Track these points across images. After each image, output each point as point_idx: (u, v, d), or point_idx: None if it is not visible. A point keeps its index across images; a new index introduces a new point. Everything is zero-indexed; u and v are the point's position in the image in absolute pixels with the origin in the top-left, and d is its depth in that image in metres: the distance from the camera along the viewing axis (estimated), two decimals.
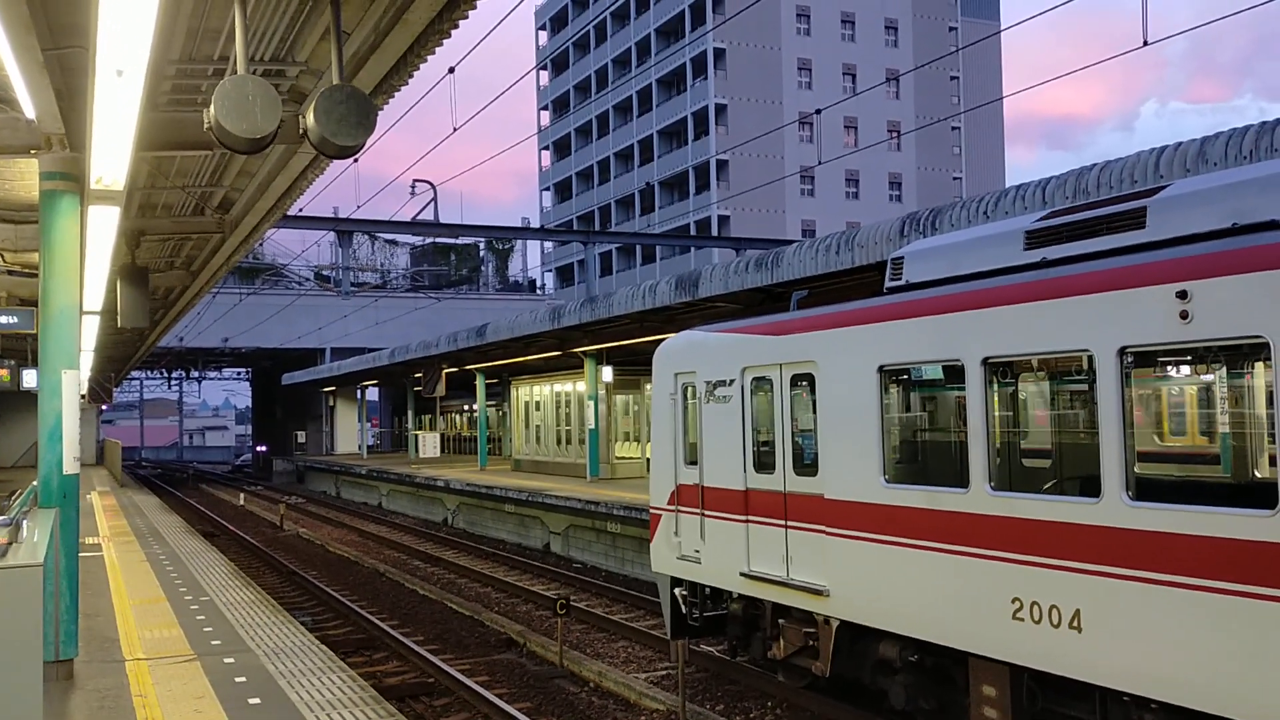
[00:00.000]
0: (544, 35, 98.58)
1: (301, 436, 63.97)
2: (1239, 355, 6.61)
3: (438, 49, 8.14)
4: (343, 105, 6.32)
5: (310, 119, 6.37)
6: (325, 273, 67.34)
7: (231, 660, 9.65)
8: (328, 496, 47.20)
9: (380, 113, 8.52)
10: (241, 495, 43.83)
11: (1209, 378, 7.33)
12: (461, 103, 15.74)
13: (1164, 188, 7.29)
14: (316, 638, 10.99)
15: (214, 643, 10.44)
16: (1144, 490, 6.56)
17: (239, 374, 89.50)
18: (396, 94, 9.14)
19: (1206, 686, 6.02)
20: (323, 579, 21.05)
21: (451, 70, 12.64)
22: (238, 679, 8.92)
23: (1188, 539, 6.13)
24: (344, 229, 43.24)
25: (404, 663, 13.68)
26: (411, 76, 8.72)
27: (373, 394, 65.17)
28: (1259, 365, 6.46)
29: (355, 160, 15.72)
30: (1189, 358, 7.01)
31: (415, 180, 57.75)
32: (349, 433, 58.50)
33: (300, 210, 19.98)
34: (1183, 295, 6.17)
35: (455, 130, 14.53)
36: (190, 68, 8.78)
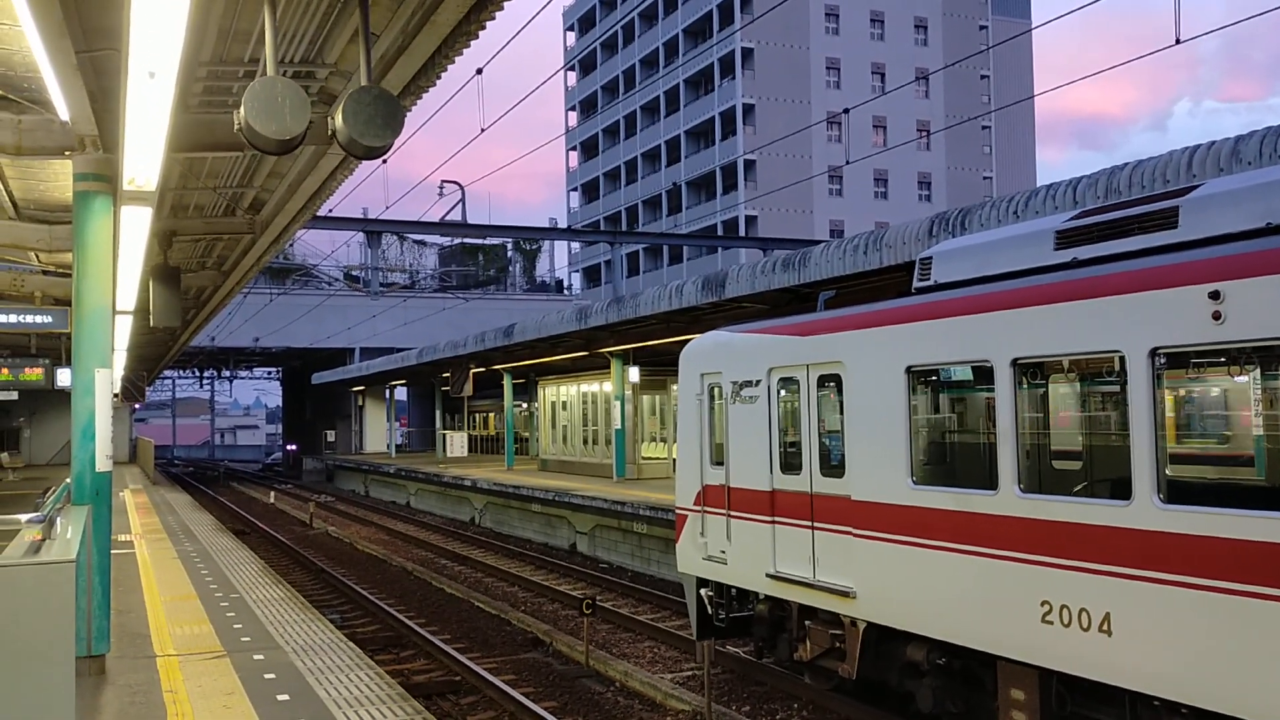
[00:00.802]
0: (571, 36, 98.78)
1: (331, 435, 64.43)
2: (1273, 356, 6.51)
3: (465, 50, 8.18)
4: (370, 106, 6.37)
5: (339, 120, 6.42)
6: (354, 273, 67.81)
7: (261, 657, 9.73)
8: (356, 495, 47.52)
9: (408, 114, 8.57)
10: (272, 493, 44.20)
11: (1242, 379, 7.22)
12: (488, 104, 15.80)
13: (1196, 187, 7.21)
14: (345, 635, 11.07)
15: (244, 639, 10.54)
16: (1176, 493, 6.49)
17: (269, 373, 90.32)
18: (424, 95, 9.19)
19: (1238, 692, 5.94)
20: (351, 577, 21.19)
21: (479, 71, 12.70)
22: (267, 675, 9.00)
23: (1220, 542, 6.05)
24: (373, 229, 43.51)
25: (431, 661, 13.75)
26: (439, 78, 8.76)
27: (401, 393, 65.52)
28: None
29: (384, 161, 15.81)
30: (1222, 359, 6.91)
31: (443, 181, 58.07)
32: (378, 432, 58.88)
33: (330, 211, 20.11)
34: (1215, 296, 6.10)
35: (483, 130, 14.59)
36: (221, 69, 8.86)
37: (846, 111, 20.85)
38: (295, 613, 12.10)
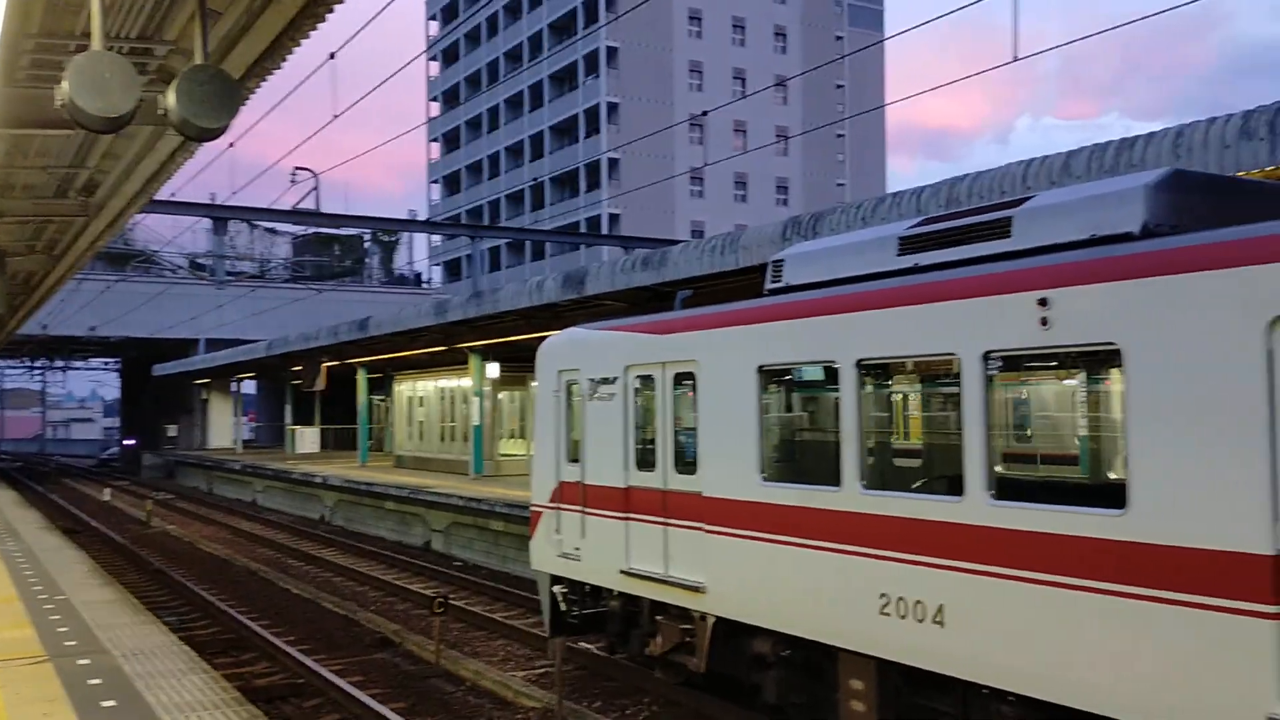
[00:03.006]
0: (434, 25, 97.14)
1: (173, 430, 61.66)
2: (1095, 361, 6.89)
3: (313, 32, 7.92)
4: (205, 86, 6.08)
5: (171, 99, 6.11)
6: (200, 261, 65.02)
7: (87, 661, 9.22)
8: (199, 493, 45.63)
9: (253, 95, 8.26)
10: (107, 490, 42.00)
11: (1068, 383, 7.63)
12: (348, 90, 15.41)
13: (1029, 199, 7.54)
14: (181, 638, 10.62)
15: (68, 644, 9.97)
16: (1005, 490, 6.78)
17: (107, 364, 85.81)
18: (270, 77, 8.85)
19: (1060, 679, 6.26)
20: (190, 577, 20.32)
21: (332, 56, 12.34)
22: (91, 681, 8.54)
23: (1044, 537, 6.36)
24: (219, 216, 41.83)
25: (274, 663, 13.30)
26: (285, 60, 8.46)
27: (249, 387, 63.17)
28: (1113, 371, 6.75)
29: (231, 144, 15.16)
30: (1049, 363, 7.27)
31: (296, 167, 56.16)
32: (223, 427, 56.63)
33: (172, 195, 19.27)
34: (1043, 303, 6.40)
35: (336, 117, 14.18)
36: (50, 43, 8.34)
37: (705, 114, 21.11)
38: (126, 615, 11.52)
